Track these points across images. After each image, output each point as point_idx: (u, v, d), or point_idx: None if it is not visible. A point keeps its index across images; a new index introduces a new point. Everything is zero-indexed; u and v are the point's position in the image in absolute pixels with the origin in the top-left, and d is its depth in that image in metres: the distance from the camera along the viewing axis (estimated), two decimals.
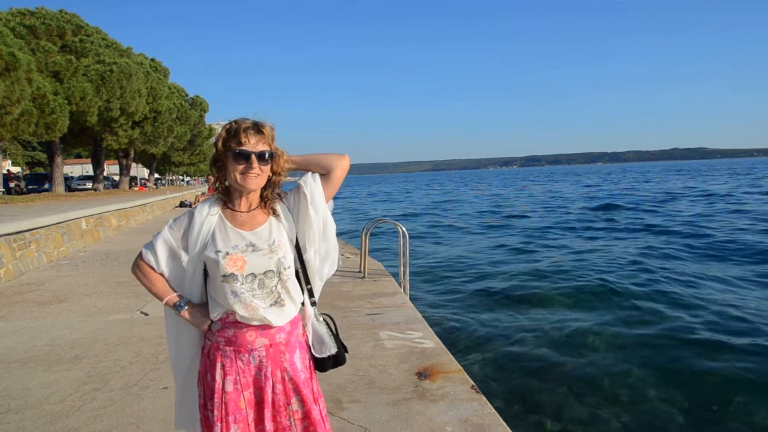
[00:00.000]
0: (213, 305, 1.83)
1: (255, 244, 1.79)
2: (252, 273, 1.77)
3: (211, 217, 1.82)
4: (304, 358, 1.90)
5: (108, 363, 4.38)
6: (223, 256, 1.75)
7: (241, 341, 1.80)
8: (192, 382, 1.93)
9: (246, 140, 1.74)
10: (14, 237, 8.75)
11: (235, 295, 1.76)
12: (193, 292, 1.87)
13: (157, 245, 1.83)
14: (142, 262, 1.86)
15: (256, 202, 1.87)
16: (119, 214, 16.54)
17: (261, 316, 1.78)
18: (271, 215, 1.88)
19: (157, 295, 1.86)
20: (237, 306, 1.76)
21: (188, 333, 1.91)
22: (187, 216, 1.86)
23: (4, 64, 16.82)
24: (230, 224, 1.82)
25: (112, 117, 26.70)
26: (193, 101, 45.93)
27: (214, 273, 1.79)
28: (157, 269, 1.84)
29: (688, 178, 67.79)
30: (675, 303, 8.94)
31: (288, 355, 1.85)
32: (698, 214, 23.77)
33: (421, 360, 4.22)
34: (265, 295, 1.79)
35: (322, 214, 1.88)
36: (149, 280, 1.85)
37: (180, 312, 1.84)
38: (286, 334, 1.86)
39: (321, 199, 1.88)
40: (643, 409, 5.22)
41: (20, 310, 6.37)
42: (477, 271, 12.83)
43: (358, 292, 6.74)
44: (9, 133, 19.53)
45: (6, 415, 3.46)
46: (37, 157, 60.12)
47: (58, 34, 25.27)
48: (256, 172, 1.76)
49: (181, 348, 1.93)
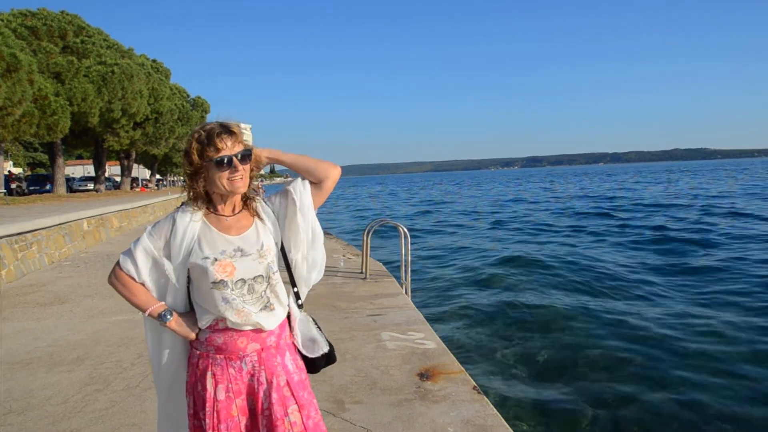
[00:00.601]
0: (201, 313, 1.78)
1: (243, 249, 1.76)
2: (242, 278, 1.73)
3: (194, 223, 1.77)
4: (296, 359, 1.89)
5: (110, 364, 4.38)
6: (212, 263, 1.71)
7: (232, 348, 1.76)
8: (177, 394, 1.88)
9: (222, 145, 1.70)
10: (16, 238, 8.77)
11: (226, 301, 1.72)
12: (176, 301, 1.81)
13: (137, 254, 1.76)
14: (121, 272, 1.78)
15: (239, 204, 1.84)
16: (121, 215, 16.57)
17: (253, 321, 1.75)
18: (256, 218, 1.84)
19: (138, 305, 1.78)
20: (228, 312, 1.72)
21: (172, 343, 1.84)
22: (167, 222, 1.79)
23: (6, 65, 16.86)
24: (216, 229, 1.77)
25: (113, 118, 26.75)
26: (194, 102, 45.98)
27: (201, 280, 1.74)
28: (137, 279, 1.77)
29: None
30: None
31: (279, 358, 1.82)
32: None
33: (423, 361, 4.22)
34: (255, 300, 1.76)
35: (310, 222, 1.87)
36: (129, 291, 1.77)
37: (166, 322, 1.77)
38: (276, 337, 1.83)
39: (310, 207, 1.86)
40: (644, 410, 5.21)
41: (22, 311, 6.38)
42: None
43: (360, 293, 6.73)
44: (11, 134, 19.58)
45: (8, 417, 3.46)
46: (39, 158, 60.22)
47: (60, 35, 25.34)
48: (241, 174, 1.73)
49: (164, 359, 1.86)
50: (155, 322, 1.80)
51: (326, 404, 3.45)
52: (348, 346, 4.61)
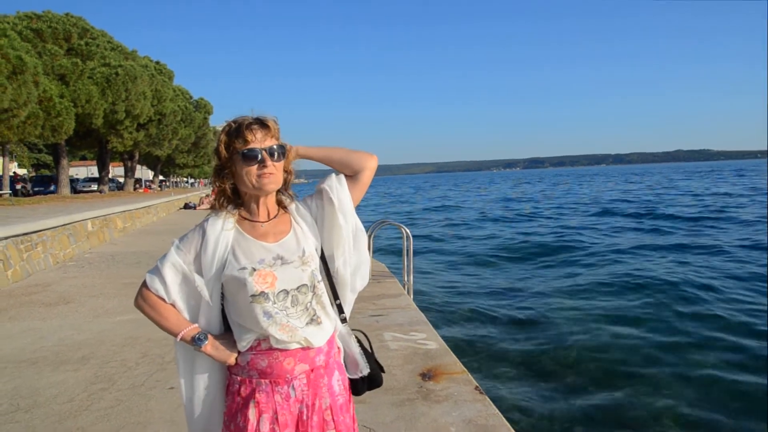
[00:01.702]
0: (240, 333, 1.57)
1: (283, 257, 1.56)
2: (284, 289, 1.54)
3: (226, 232, 1.58)
4: (343, 379, 1.69)
5: (115, 363, 4.42)
6: (250, 273, 1.51)
7: (278, 371, 1.55)
8: (214, 428, 1.64)
9: (252, 137, 1.53)
10: (21, 238, 8.83)
11: (269, 316, 1.51)
12: (211, 321, 1.61)
13: (165, 271, 1.55)
14: (149, 292, 1.57)
15: (274, 208, 1.65)
16: (124, 215, 16.64)
17: (300, 336, 1.55)
18: (294, 222, 1.65)
19: (169, 329, 1.57)
20: (272, 329, 1.51)
21: (208, 370, 1.62)
22: (197, 233, 1.60)
23: (12, 67, 16.97)
24: (251, 236, 1.59)
25: (117, 119, 26.86)
26: (197, 103, 46.12)
27: (239, 294, 1.54)
28: (167, 299, 1.57)
29: None
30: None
31: (326, 378, 1.62)
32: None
33: (425, 361, 4.25)
34: (300, 313, 1.56)
35: (352, 222, 1.66)
36: (159, 313, 1.57)
37: (201, 346, 1.55)
38: (325, 355, 1.63)
39: (350, 205, 1.65)
40: (651, 407, 5.22)
41: (28, 311, 6.44)
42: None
43: (362, 293, 6.74)
44: (16, 135, 19.69)
45: (16, 414, 3.51)
46: (43, 159, 60.48)
47: (65, 38, 25.48)
48: (271, 170, 1.54)
49: (199, 390, 1.62)
50: (188, 348, 1.59)
51: None
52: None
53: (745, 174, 74.50)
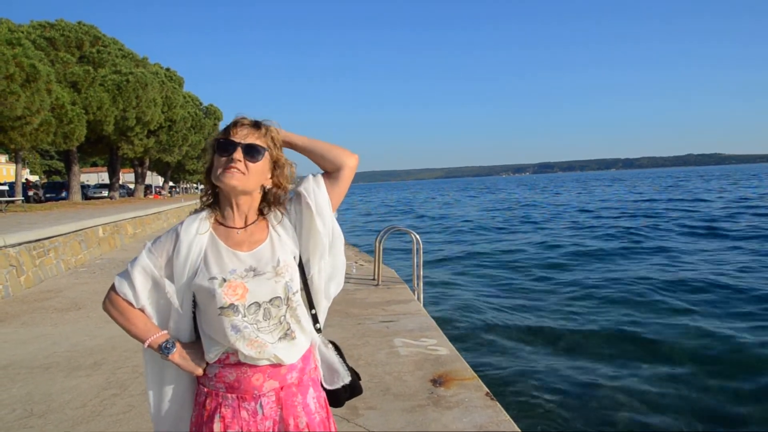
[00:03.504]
0: (208, 344, 1.51)
1: (256, 268, 1.49)
2: (255, 302, 1.46)
3: (200, 236, 1.50)
4: (319, 396, 1.62)
5: (126, 369, 4.45)
6: (220, 284, 1.44)
7: (246, 387, 1.49)
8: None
9: (235, 132, 1.48)
10: (34, 245, 8.92)
11: (237, 330, 1.44)
12: (180, 330, 1.54)
13: (135, 275, 1.49)
14: (117, 297, 1.50)
15: (253, 215, 1.56)
16: (135, 221, 16.76)
17: (270, 353, 1.47)
18: (272, 229, 1.57)
19: (137, 335, 1.51)
20: (240, 343, 1.45)
21: (176, 379, 1.57)
22: (170, 236, 1.53)
23: (26, 75, 17.24)
24: (224, 244, 1.51)
25: (127, 126, 27.18)
26: (207, 110, 46.50)
27: (208, 305, 1.47)
28: (136, 304, 1.50)
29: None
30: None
31: (300, 397, 1.54)
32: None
33: (436, 367, 4.23)
34: (273, 328, 1.49)
35: (330, 226, 1.58)
36: (126, 318, 1.50)
37: (168, 355, 1.49)
38: (299, 372, 1.55)
39: (328, 208, 1.57)
40: (661, 415, 5.17)
41: (40, 316, 6.49)
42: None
43: (372, 299, 6.76)
44: (29, 142, 19.97)
45: (30, 419, 3.53)
46: (55, 165, 61.25)
47: (77, 45, 25.88)
48: (238, 166, 1.45)
49: (167, 398, 1.57)
50: (156, 355, 1.53)
51: (340, 410, 3.47)
52: (361, 353, 4.64)
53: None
